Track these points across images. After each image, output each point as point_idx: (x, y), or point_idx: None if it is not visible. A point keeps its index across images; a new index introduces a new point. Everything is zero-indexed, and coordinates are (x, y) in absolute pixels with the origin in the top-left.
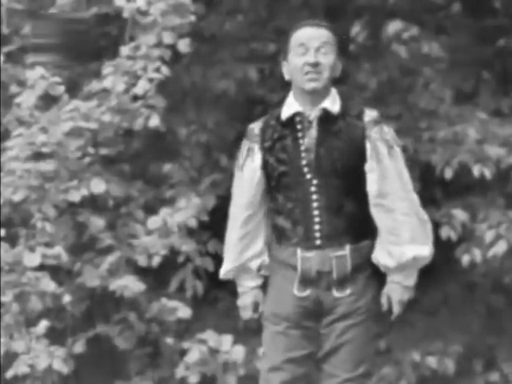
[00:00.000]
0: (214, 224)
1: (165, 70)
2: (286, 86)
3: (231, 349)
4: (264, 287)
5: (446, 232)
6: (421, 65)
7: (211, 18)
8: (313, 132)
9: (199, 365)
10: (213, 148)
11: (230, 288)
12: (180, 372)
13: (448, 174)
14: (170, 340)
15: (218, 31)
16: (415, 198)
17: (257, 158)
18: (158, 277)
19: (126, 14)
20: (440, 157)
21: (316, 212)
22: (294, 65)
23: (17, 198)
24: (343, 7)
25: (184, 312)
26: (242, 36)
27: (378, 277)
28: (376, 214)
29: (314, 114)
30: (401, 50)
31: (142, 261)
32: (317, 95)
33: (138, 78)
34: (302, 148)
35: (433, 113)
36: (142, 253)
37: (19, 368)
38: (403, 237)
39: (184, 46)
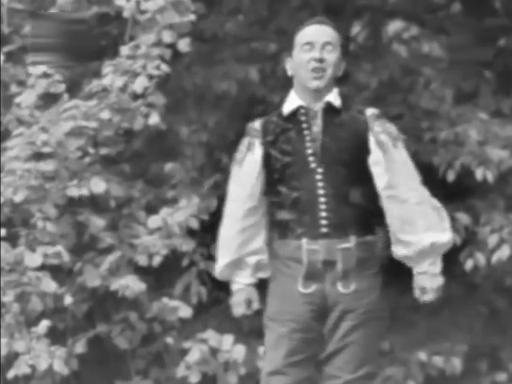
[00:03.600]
0: (217, 226)
1: (164, 67)
2: (286, 86)
3: (232, 348)
4: (259, 286)
5: None
6: (421, 65)
7: (212, 17)
8: (318, 122)
9: (200, 364)
10: (214, 148)
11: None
12: (181, 371)
13: (450, 176)
14: (170, 340)
15: (218, 31)
16: (423, 187)
17: (257, 152)
18: (159, 277)
19: (126, 14)
20: (442, 158)
21: (322, 199)
22: (299, 60)
23: (17, 198)
24: (343, 7)
25: (185, 312)
26: (242, 36)
27: (383, 277)
28: (388, 206)
29: (318, 105)
30: (401, 49)
31: (142, 261)
32: (320, 93)
33: (137, 77)
34: (308, 138)
35: (433, 113)
36: (142, 252)
37: (20, 368)
38: (419, 225)
39: (184, 45)
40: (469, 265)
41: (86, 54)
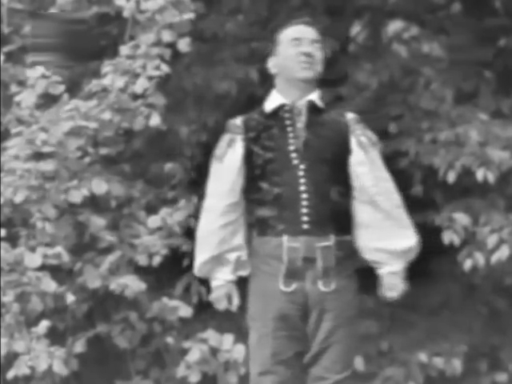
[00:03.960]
0: None
1: (164, 67)
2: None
3: (232, 348)
4: (239, 283)
5: (448, 236)
6: (421, 65)
7: (211, 17)
8: (302, 119)
9: (200, 364)
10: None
11: None
12: (181, 371)
13: (451, 177)
14: (170, 339)
15: (218, 31)
16: (397, 191)
17: (239, 149)
18: (159, 276)
19: (126, 14)
20: (442, 159)
21: (304, 195)
22: (287, 55)
23: (17, 198)
24: (343, 7)
25: (185, 311)
26: (242, 36)
27: (358, 276)
28: (367, 207)
29: (302, 103)
30: (401, 49)
31: (142, 260)
32: (305, 87)
33: (137, 77)
34: (291, 135)
35: (434, 113)
36: (142, 252)
37: (20, 368)
38: (397, 228)
39: (184, 44)
40: (468, 265)
41: (86, 54)
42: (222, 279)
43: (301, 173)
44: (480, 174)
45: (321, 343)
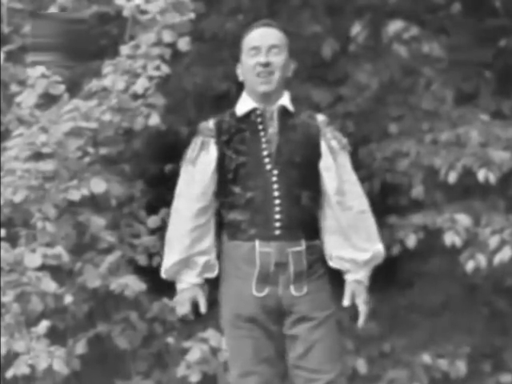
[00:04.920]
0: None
1: (164, 67)
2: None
3: None
4: (204, 285)
5: (450, 237)
6: (421, 65)
7: (212, 17)
8: (274, 123)
9: (200, 364)
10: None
11: None
12: (181, 371)
13: (452, 178)
14: (171, 339)
15: (218, 31)
16: (365, 196)
17: (212, 152)
18: (159, 276)
19: (126, 13)
20: (443, 160)
21: (277, 201)
22: (247, 66)
23: (17, 198)
24: (343, 7)
25: None
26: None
27: (330, 277)
28: (333, 212)
29: (273, 108)
30: (401, 50)
31: (142, 260)
32: (269, 96)
33: (137, 77)
34: (263, 140)
35: (434, 114)
36: (142, 252)
37: (19, 368)
38: (361, 234)
39: (184, 44)
40: (470, 266)
41: (86, 54)
42: (188, 282)
43: (274, 178)
44: (481, 175)
45: (302, 345)
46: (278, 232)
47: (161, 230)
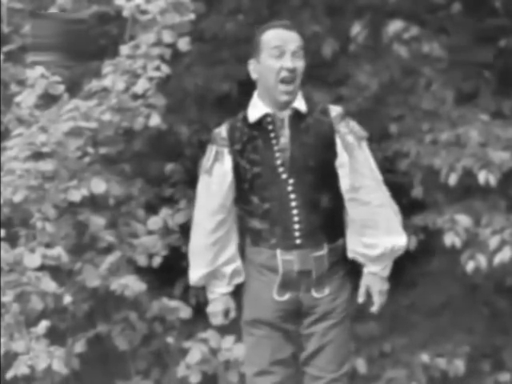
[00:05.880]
0: None
1: (165, 68)
2: None
3: (233, 346)
4: (235, 294)
5: (450, 238)
6: (421, 65)
7: (212, 17)
8: (286, 132)
9: (200, 364)
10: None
11: None
12: (181, 371)
13: (453, 178)
14: (171, 339)
15: (218, 31)
16: (386, 188)
17: (227, 162)
18: (159, 277)
19: (126, 13)
20: (443, 160)
21: (295, 211)
22: (268, 67)
23: (17, 198)
24: (343, 7)
25: (185, 312)
26: (242, 36)
27: (352, 277)
28: (351, 208)
29: (285, 113)
30: (401, 50)
31: (142, 260)
32: (287, 104)
33: (137, 77)
34: (276, 148)
35: (434, 114)
36: (142, 252)
37: (19, 368)
38: (380, 228)
39: (184, 44)
40: (470, 267)
41: (86, 54)
42: (218, 293)
43: (289, 187)
44: (482, 177)
45: (316, 343)
46: (298, 241)
47: (160, 230)
